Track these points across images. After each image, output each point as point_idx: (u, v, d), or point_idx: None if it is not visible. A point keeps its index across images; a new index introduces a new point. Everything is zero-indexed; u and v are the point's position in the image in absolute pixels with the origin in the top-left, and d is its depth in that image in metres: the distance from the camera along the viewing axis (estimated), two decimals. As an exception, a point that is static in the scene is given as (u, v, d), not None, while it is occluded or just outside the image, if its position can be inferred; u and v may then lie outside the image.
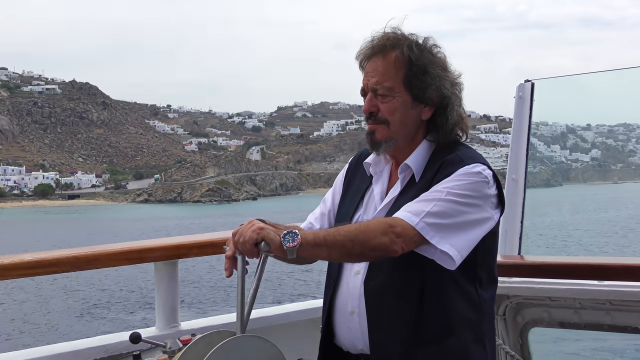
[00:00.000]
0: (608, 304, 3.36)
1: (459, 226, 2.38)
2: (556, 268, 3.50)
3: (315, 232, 2.34)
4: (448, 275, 2.42)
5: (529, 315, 3.61)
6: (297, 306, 3.77)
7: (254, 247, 2.28)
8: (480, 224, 2.44)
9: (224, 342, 2.20)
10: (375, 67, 2.55)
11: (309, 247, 2.29)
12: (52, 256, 3.01)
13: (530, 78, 3.81)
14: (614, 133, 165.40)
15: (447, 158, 2.50)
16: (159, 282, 3.35)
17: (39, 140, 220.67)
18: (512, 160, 3.87)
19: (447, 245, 2.34)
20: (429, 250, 2.37)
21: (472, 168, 2.44)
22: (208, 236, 3.56)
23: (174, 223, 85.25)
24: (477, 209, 2.42)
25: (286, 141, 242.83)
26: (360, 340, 2.58)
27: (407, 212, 2.36)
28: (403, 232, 2.31)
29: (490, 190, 2.46)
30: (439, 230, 2.34)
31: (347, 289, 2.61)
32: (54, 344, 3.17)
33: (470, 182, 2.41)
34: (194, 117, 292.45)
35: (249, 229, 2.29)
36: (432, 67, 2.53)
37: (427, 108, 2.56)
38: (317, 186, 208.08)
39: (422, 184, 2.51)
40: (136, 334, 2.67)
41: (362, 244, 2.30)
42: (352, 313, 2.58)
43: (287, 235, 2.26)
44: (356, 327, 2.58)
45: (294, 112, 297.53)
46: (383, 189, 2.66)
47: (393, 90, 2.52)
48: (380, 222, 2.35)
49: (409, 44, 2.53)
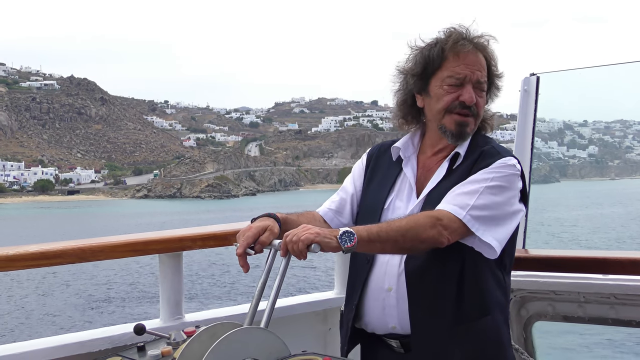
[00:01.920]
0: (612, 298, 3.37)
1: (499, 218, 2.50)
2: (560, 262, 3.49)
3: (368, 229, 2.38)
4: (483, 259, 2.52)
5: (533, 309, 3.61)
6: (301, 299, 3.77)
7: (306, 248, 2.31)
8: (516, 216, 2.56)
9: (228, 334, 2.18)
10: (477, 61, 2.63)
11: (364, 244, 2.35)
12: (57, 247, 3.01)
13: (535, 72, 3.80)
14: (611, 129, 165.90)
15: (485, 149, 2.62)
16: (163, 274, 3.35)
17: (38, 136, 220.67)
18: (517, 154, 3.80)
19: (490, 237, 2.46)
20: (472, 241, 2.49)
21: (508, 161, 2.55)
22: (212, 228, 3.56)
23: (173, 218, 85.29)
24: (513, 201, 2.54)
25: (284, 137, 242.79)
26: (395, 318, 2.63)
27: (453, 205, 2.46)
28: (450, 224, 2.42)
29: (520, 183, 2.58)
30: (483, 222, 2.46)
31: (383, 267, 2.66)
32: (59, 335, 3.18)
33: (506, 175, 2.52)
34: (192, 113, 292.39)
35: (305, 231, 2.32)
36: (495, 69, 2.69)
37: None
38: (316, 182, 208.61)
39: (460, 171, 2.61)
40: (140, 326, 2.67)
41: (412, 239, 2.39)
42: (390, 290, 2.63)
43: (343, 235, 2.31)
44: (392, 305, 2.63)
45: (291, 107, 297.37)
46: (414, 172, 2.74)
47: (484, 87, 2.65)
48: (428, 216, 2.44)
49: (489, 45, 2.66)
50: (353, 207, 2.90)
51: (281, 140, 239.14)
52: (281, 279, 2.40)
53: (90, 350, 3.04)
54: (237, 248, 2.45)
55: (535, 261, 3.49)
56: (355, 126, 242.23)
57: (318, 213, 2.91)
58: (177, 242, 3.32)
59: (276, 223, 2.56)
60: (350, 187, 2.93)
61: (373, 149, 2.96)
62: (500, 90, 2.71)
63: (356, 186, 2.92)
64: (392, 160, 2.81)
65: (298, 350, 2.36)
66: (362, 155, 2.99)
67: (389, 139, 2.94)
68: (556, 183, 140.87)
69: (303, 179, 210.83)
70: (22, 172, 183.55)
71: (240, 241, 2.46)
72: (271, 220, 2.55)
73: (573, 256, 3.55)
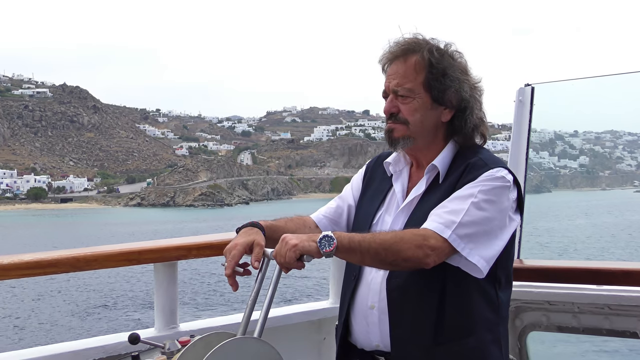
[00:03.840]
0: (607, 309, 3.38)
1: (487, 234, 2.42)
2: (555, 272, 3.51)
3: (350, 236, 2.36)
4: (468, 277, 2.46)
5: (527, 319, 3.61)
6: (296, 308, 3.78)
7: (297, 262, 2.32)
8: (506, 229, 2.49)
9: (222, 343, 2.20)
10: (397, 70, 2.60)
11: (344, 250, 2.33)
12: (52, 257, 3.02)
13: (529, 82, 3.81)
14: (601, 140, 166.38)
15: (471, 161, 2.54)
16: (158, 283, 3.36)
17: (30, 144, 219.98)
18: (512, 165, 3.82)
19: (476, 257, 2.39)
20: (458, 260, 2.42)
21: (496, 172, 2.48)
22: (207, 238, 3.57)
23: (167, 227, 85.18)
24: (502, 215, 2.47)
25: (277, 146, 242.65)
26: (377, 336, 2.61)
27: (438, 224, 2.39)
28: (436, 244, 2.36)
29: (512, 194, 2.51)
30: (470, 240, 2.39)
31: (367, 284, 2.65)
32: (53, 344, 3.17)
33: (494, 187, 2.45)
34: (184, 122, 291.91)
35: (285, 249, 2.31)
36: (451, 70, 2.58)
37: (446, 110, 2.60)
38: (308, 191, 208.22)
39: (446, 185, 2.55)
40: (135, 335, 2.66)
41: (395, 254, 2.34)
42: (372, 308, 2.62)
43: (323, 240, 2.31)
44: (375, 322, 2.61)
45: (283, 117, 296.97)
46: (403, 187, 2.71)
47: (413, 91, 2.57)
48: (415, 234, 2.38)
49: (429, 48, 2.58)
50: (350, 218, 2.89)
51: (274, 149, 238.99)
52: (274, 289, 2.40)
53: (84, 359, 3.05)
54: (225, 269, 2.45)
55: (530, 271, 3.50)
56: (347, 135, 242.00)
57: (310, 218, 2.90)
58: (172, 252, 3.34)
59: (261, 233, 2.56)
60: (349, 197, 2.93)
61: (372, 161, 2.96)
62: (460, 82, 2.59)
63: (354, 196, 2.91)
64: (385, 173, 2.80)
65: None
66: (354, 164, 3.00)
67: (382, 149, 2.93)
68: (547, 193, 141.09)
69: (296, 188, 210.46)
70: (14, 180, 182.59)
71: (228, 261, 2.46)
72: (255, 231, 2.56)
73: (567, 267, 3.56)
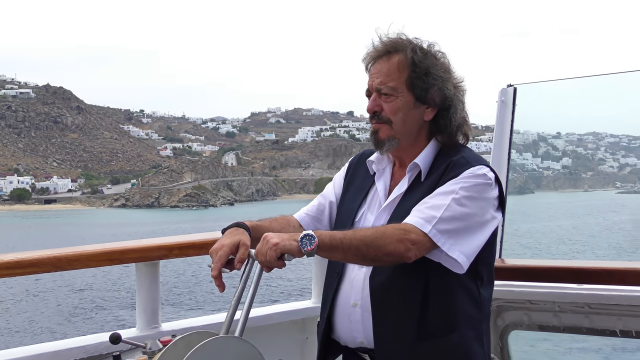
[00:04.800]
0: (587, 307, 3.40)
1: (468, 230, 2.45)
2: (536, 271, 3.53)
3: (331, 234, 2.38)
4: (451, 273, 2.47)
5: (509, 318, 3.63)
6: (278, 308, 3.80)
7: (278, 261, 2.33)
8: (487, 226, 2.52)
9: (203, 343, 2.21)
10: (380, 69, 2.62)
11: (325, 248, 2.34)
12: (33, 256, 3.02)
13: (512, 83, 3.82)
14: (584, 142, 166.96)
15: (453, 159, 2.56)
16: (140, 283, 3.37)
17: (13, 145, 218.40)
18: (494, 165, 3.79)
19: (456, 252, 2.42)
20: (439, 256, 2.44)
21: (477, 170, 2.51)
22: (189, 237, 3.58)
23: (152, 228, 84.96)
24: (483, 211, 2.49)
25: (261, 147, 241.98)
26: (361, 333, 2.64)
27: (419, 219, 2.42)
28: (417, 239, 2.39)
29: (493, 192, 2.53)
30: (450, 236, 2.42)
31: (350, 282, 2.67)
32: (35, 344, 3.17)
33: (476, 184, 2.48)
34: (168, 122, 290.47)
35: (266, 248, 2.33)
36: (434, 69, 2.60)
37: (429, 109, 2.63)
38: (293, 192, 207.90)
39: (428, 183, 2.57)
40: (116, 335, 2.67)
41: (377, 249, 2.36)
42: (355, 305, 2.64)
43: (304, 239, 2.32)
44: (358, 320, 2.64)
45: (267, 117, 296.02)
46: (386, 185, 2.73)
47: (396, 90, 2.59)
48: (396, 229, 2.40)
49: (412, 47, 2.60)
50: (332, 215, 2.91)
51: (258, 150, 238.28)
52: (255, 288, 2.44)
53: (66, 359, 3.04)
54: (212, 270, 2.46)
55: (511, 271, 3.52)
56: (332, 136, 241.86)
57: (294, 218, 2.91)
58: (154, 251, 3.34)
59: (246, 233, 2.57)
60: (331, 194, 2.94)
61: (354, 158, 2.97)
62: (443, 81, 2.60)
63: (336, 194, 2.92)
64: (368, 171, 2.80)
65: (274, 359, 2.40)
66: (339, 165, 3.02)
67: (367, 149, 2.95)
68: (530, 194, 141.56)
69: (280, 189, 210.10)
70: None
71: (214, 262, 2.47)
72: (241, 232, 2.57)
73: (549, 266, 3.59)
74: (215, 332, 2.38)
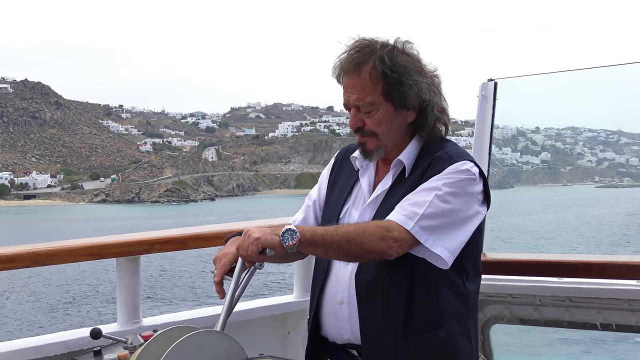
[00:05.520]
0: (567, 301, 3.42)
1: (451, 226, 2.44)
2: (517, 265, 3.55)
3: (313, 230, 2.37)
4: (436, 268, 2.46)
5: (490, 312, 3.65)
6: (259, 303, 3.79)
7: (260, 255, 2.32)
8: (471, 221, 2.50)
9: (184, 337, 2.19)
10: (353, 84, 2.56)
11: (307, 244, 2.33)
12: (12, 252, 3.01)
13: (492, 77, 3.81)
14: (562, 136, 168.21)
15: (437, 155, 2.55)
16: (120, 278, 3.36)
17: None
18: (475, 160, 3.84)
19: (439, 248, 2.40)
20: (423, 252, 2.43)
21: (460, 166, 2.49)
22: (169, 232, 3.59)
23: (133, 223, 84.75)
24: (467, 207, 2.48)
25: (242, 142, 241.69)
26: (348, 330, 2.64)
27: (401, 216, 2.40)
28: (399, 236, 2.37)
29: (477, 187, 2.52)
30: (432, 232, 2.40)
31: (336, 279, 2.67)
32: (14, 339, 3.16)
33: (459, 180, 2.46)
34: (147, 118, 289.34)
35: (248, 242, 2.32)
36: (407, 76, 2.54)
37: (410, 112, 2.60)
38: (274, 187, 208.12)
39: (412, 179, 2.56)
40: (97, 330, 2.66)
41: (358, 246, 2.35)
42: (342, 303, 2.64)
43: (285, 233, 2.30)
44: (345, 317, 2.64)
45: (247, 112, 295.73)
46: (370, 182, 2.72)
47: (375, 104, 2.55)
48: (378, 226, 2.39)
49: (380, 55, 2.53)
50: (317, 214, 2.91)
51: (238, 145, 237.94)
52: (244, 286, 2.46)
53: (46, 355, 3.05)
54: (214, 276, 2.47)
55: (492, 265, 3.53)
56: (312, 131, 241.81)
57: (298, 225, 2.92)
58: (135, 246, 3.34)
59: None
60: (314, 194, 2.94)
61: (340, 153, 2.96)
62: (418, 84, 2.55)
63: (320, 192, 2.92)
64: (353, 167, 2.80)
65: (256, 354, 2.38)
66: (319, 160, 3.01)
67: (347, 144, 2.94)
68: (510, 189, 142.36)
69: (261, 184, 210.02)
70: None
71: (217, 269, 2.48)
72: None
73: (529, 260, 3.61)
74: (196, 327, 2.37)
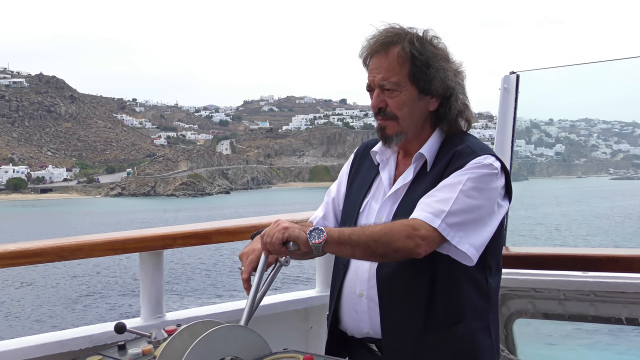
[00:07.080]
0: (592, 295, 3.40)
1: (476, 222, 2.43)
2: (541, 259, 3.52)
3: (340, 230, 2.37)
4: (458, 263, 2.46)
5: (513, 307, 3.63)
6: (283, 297, 3.79)
7: (282, 246, 2.32)
8: (495, 217, 2.50)
9: (209, 332, 2.19)
10: (380, 64, 2.57)
11: (333, 244, 2.33)
12: (36, 246, 3.02)
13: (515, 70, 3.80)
14: (576, 128, 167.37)
15: (459, 149, 2.54)
16: (143, 273, 3.37)
17: (7, 134, 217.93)
18: (498, 153, 3.78)
19: (466, 245, 2.39)
20: (448, 249, 2.42)
21: (483, 160, 2.49)
22: (192, 227, 3.58)
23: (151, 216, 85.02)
24: (491, 202, 2.47)
25: (255, 135, 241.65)
26: (367, 324, 2.63)
27: (427, 213, 2.39)
28: (427, 234, 2.35)
29: (500, 181, 2.51)
30: (459, 229, 2.39)
31: (355, 272, 2.66)
32: (39, 334, 3.17)
33: (482, 175, 2.45)
34: (161, 111, 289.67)
35: (275, 230, 2.33)
36: (434, 60, 2.56)
37: (433, 99, 2.60)
38: (288, 180, 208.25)
39: (434, 173, 2.56)
40: (121, 324, 2.68)
41: (386, 245, 2.34)
42: (361, 296, 2.63)
43: (313, 232, 2.30)
44: (364, 310, 2.63)
45: (260, 106, 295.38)
46: (390, 175, 2.71)
47: (400, 85, 2.55)
48: (404, 225, 2.37)
49: (409, 38, 2.56)
50: (336, 211, 2.90)
51: (252, 139, 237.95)
52: (269, 282, 2.49)
53: (71, 349, 3.05)
54: (242, 273, 2.50)
55: (516, 259, 3.52)
56: (325, 124, 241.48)
57: (312, 222, 2.92)
58: (158, 241, 3.34)
59: None
60: (334, 191, 2.94)
61: (359, 149, 2.95)
62: (444, 70, 2.57)
63: (340, 189, 2.92)
64: (372, 162, 2.79)
65: (279, 348, 2.37)
66: (333, 153, 2.99)
67: (360, 138, 2.93)
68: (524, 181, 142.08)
69: (275, 177, 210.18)
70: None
71: (245, 265, 2.51)
72: None
73: (553, 254, 3.59)
74: (220, 321, 2.37)
